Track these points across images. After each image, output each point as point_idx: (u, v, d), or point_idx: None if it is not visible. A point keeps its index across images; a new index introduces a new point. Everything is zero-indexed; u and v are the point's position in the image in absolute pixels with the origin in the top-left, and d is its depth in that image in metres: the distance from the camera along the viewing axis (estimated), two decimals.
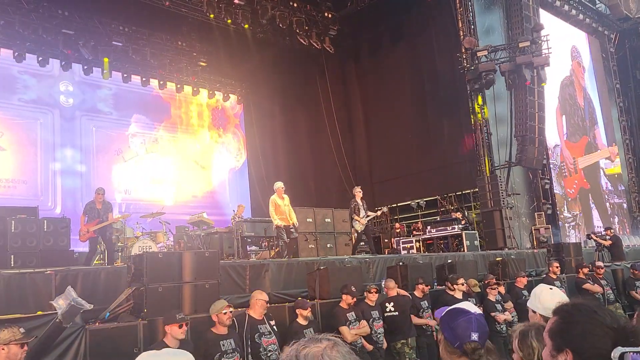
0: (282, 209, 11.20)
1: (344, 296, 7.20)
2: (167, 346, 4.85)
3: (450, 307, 2.35)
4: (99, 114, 20.39)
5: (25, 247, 8.22)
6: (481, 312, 2.37)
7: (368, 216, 12.07)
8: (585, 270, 11.30)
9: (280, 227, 11.12)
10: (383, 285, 8.33)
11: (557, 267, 11.01)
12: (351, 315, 7.14)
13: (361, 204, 11.99)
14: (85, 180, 19.27)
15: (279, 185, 11.42)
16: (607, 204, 23.11)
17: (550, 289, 3.56)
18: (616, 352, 1.29)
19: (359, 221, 11.86)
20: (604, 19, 25.24)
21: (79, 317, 5.25)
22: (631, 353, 1.29)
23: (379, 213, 12.63)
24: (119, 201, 19.17)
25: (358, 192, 12.13)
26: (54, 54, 18.51)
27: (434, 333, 7.89)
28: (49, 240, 8.80)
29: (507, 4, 18.09)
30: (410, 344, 7.70)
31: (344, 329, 6.90)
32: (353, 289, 7.28)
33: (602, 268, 11.52)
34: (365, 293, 7.64)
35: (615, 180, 24.18)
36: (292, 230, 11.25)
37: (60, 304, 4.77)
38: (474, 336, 2.18)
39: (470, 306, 2.32)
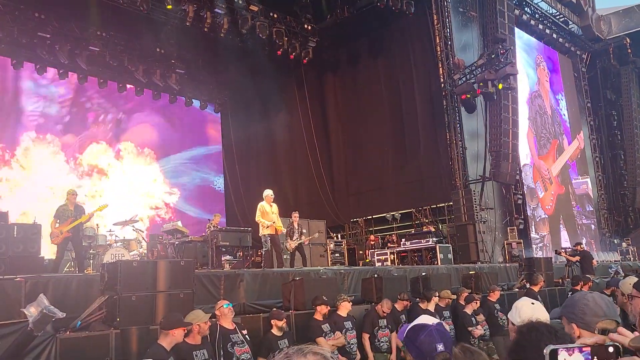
0: (269, 216, 11.39)
1: (318, 307, 7.19)
2: (164, 349, 4.87)
3: (410, 327, 2.36)
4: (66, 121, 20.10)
5: None
6: (439, 320, 2.40)
7: (299, 240, 12.70)
8: (589, 284, 11.27)
9: (266, 236, 11.30)
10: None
11: (542, 282, 11.04)
12: (326, 327, 7.14)
13: (296, 227, 12.66)
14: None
15: (267, 192, 11.69)
16: (576, 224, 23.63)
17: (532, 303, 3.58)
18: (547, 349, 1.33)
19: (289, 243, 12.60)
20: (576, 40, 25.90)
21: (49, 326, 5.15)
22: (561, 350, 1.33)
23: (305, 241, 13.21)
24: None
25: (295, 217, 12.82)
26: (30, 57, 18.21)
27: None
28: (18, 246, 8.61)
29: (483, 22, 18.45)
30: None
31: (321, 340, 6.88)
32: (324, 297, 7.32)
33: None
34: (337, 304, 7.63)
35: (583, 201, 24.71)
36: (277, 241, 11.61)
37: (31, 311, 4.67)
38: (440, 347, 2.21)
39: (427, 319, 2.34)
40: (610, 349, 1.29)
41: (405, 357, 2.38)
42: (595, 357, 1.28)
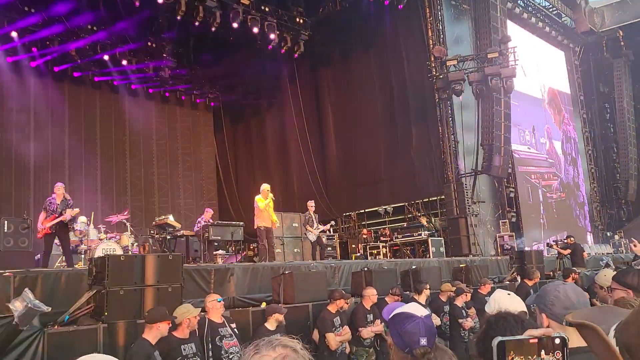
0: (265, 209, 11.48)
1: (338, 301, 7.11)
2: (149, 343, 4.86)
3: (397, 311, 2.31)
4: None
5: None
6: (429, 312, 2.37)
7: (319, 228, 12.77)
8: (576, 276, 11.31)
9: (261, 229, 11.39)
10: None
11: (538, 277, 11.02)
12: (337, 321, 7.08)
13: (314, 217, 12.77)
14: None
15: (264, 187, 11.77)
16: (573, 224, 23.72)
17: (508, 294, 3.60)
18: (495, 342, 1.33)
19: (312, 232, 12.62)
20: (569, 33, 25.90)
21: (37, 320, 5.15)
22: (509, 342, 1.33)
23: (328, 227, 13.48)
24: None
25: (311, 206, 12.90)
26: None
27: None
28: (9, 241, 8.62)
29: (476, 15, 18.44)
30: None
31: (330, 335, 6.85)
32: (343, 291, 7.31)
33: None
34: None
35: (577, 203, 24.75)
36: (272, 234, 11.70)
37: (16, 306, 4.68)
38: (423, 341, 2.17)
39: (416, 308, 2.29)
40: (557, 341, 1.30)
41: (386, 336, 2.37)
42: (542, 349, 1.29)
